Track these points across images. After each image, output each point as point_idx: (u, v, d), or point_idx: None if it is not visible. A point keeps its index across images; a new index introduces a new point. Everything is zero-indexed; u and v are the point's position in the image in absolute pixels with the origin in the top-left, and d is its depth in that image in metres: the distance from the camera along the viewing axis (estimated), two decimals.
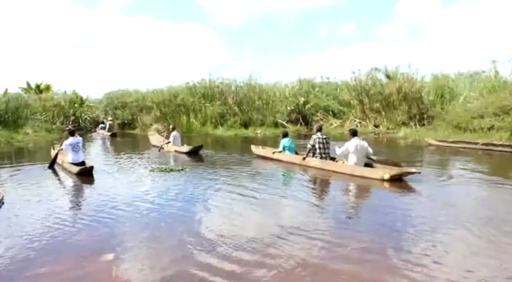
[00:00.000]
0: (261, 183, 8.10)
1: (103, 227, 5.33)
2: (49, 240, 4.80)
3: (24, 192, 7.82)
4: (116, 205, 6.44)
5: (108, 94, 31.27)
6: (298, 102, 24.11)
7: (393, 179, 7.76)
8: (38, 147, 17.36)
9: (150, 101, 26.22)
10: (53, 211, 6.18)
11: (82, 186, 8.63)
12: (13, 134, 19.47)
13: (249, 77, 25.52)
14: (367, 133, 19.63)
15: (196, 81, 26.10)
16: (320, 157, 9.51)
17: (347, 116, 22.42)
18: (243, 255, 4.12)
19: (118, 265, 3.97)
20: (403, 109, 19.91)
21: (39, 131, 22.08)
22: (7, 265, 4.04)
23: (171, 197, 6.90)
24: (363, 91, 21.52)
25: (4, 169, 10.64)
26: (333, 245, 4.42)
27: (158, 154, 13.75)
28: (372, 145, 15.65)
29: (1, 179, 9.15)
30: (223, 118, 23.41)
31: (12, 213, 6.06)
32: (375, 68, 21.78)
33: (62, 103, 27.82)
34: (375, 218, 5.66)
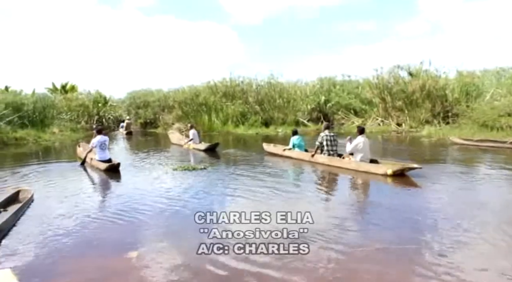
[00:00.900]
0: (280, 181, 8.18)
1: (128, 224, 5.44)
2: (76, 237, 4.93)
3: (52, 189, 8.06)
4: (141, 202, 6.58)
5: (131, 94, 31.70)
6: (319, 100, 23.97)
7: (395, 174, 8.08)
8: (64, 146, 17.78)
9: (172, 100, 26.44)
10: (80, 208, 6.35)
11: (109, 182, 8.88)
12: (41, 134, 19.97)
13: (269, 76, 25.51)
14: (389, 132, 19.38)
15: (217, 80, 26.25)
16: (327, 154, 9.86)
17: (369, 115, 22.15)
18: (265, 254, 4.12)
19: (142, 262, 4.03)
20: (426, 107, 19.53)
21: (64, 131, 22.57)
22: (36, 261, 4.17)
23: (194, 195, 7.00)
24: (385, 89, 21.22)
25: (33, 166, 10.95)
26: (355, 245, 4.40)
27: (178, 151, 14.19)
28: (395, 143, 15.67)
29: (30, 176, 9.44)
30: (244, 117, 23.43)
31: (41, 211, 6.24)
32: (398, 65, 21.48)
33: (87, 103, 28.37)
34: (397, 217, 5.61)
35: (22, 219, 5.74)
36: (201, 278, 3.68)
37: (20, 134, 18.68)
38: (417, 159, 11.20)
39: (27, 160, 13.08)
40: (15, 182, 8.56)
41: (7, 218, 5.35)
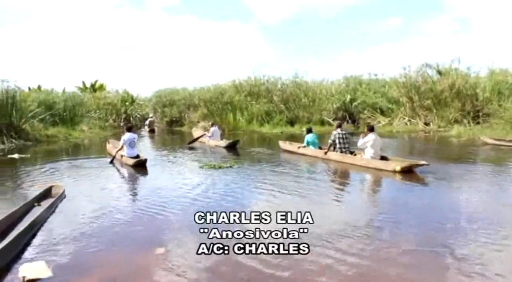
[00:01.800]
0: (301, 179, 8.21)
1: (156, 220, 5.53)
2: (105, 232, 5.03)
3: (82, 185, 8.28)
4: (168, 198, 6.67)
5: (157, 93, 32.18)
6: (345, 99, 23.74)
7: (403, 170, 8.35)
8: (93, 143, 18.23)
9: (197, 99, 26.70)
10: (109, 204, 6.48)
11: (136, 178, 9.10)
12: (71, 131, 20.53)
13: (294, 75, 25.43)
14: (417, 131, 19.02)
15: (242, 79, 26.34)
16: (340, 151, 10.28)
17: (396, 114, 21.80)
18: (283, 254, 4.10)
19: (168, 258, 4.07)
20: (455, 107, 19.09)
21: (93, 129, 23.11)
22: (67, 255, 4.27)
23: (220, 192, 7.03)
24: (413, 88, 20.85)
25: (64, 163, 11.27)
26: (380, 246, 4.33)
27: (201, 148, 14.47)
28: (423, 143, 15.38)
29: (62, 172, 9.71)
30: (269, 116, 23.42)
31: (72, 206, 6.40)
32: (426, 64, 21.06)
33: (115, 101, 28.98)
34: (422, 217, 5.50)
35: (54, 213, 5.89)
36: (226, 275, 3.71)
37: (51, 131, 19.26)
38: (445, 158, 11.05)
39: (58, 156, 13.48)
40: (47, 178, 8.81)
41: (41, 212, 5.52)
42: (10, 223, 5.20)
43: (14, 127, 16.91)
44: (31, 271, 3.69)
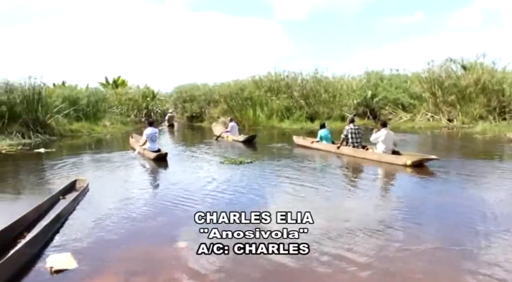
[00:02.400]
0: (323, 176, 8.19)
1: (177, 214, 5.60)
2: (128, 225, 5.12)
3: (105, 179, 8.48)
4: (189, 193, 6.74)
5: (178, 88, 32.42)
6: (366, 95, 23.43)
7: (414, 164, 8.54)
8: (115, 138, 18.53)
9: (218, 94, 26.81)
10: (131, 197, 6.61)
11: (158, 173, 9.30)
12: (94, 126, 20.91)
13: (315, 70, 25.24)
14: (440, 127, 18.65)
15: (262, 74, 26.29)
16: (352, 145, 10.52)
17: (418, 110, 21.39)
18: (311, 251, 4.10)
19: (190, 253, 4.09)
20: (480, 102, 18.61)
21: (115, 124, 23.48)
22: (92, 247, 4.38)
23: (241, 188, 7.07)
24: (436, 83, 20.43)
25: (88, 157, 11.54)
26: (404, 243, 4.28)
27: (221, 143, 14.69)
28: (446, 139, 15.10)
29: (85, 166, 9.97)
30: (289, 112, 23.31)
31: (96, 200, 6.56)
32: (450, 58, 20.60)
33: (136, 97, 29.36)
34: (444, 214, 5.41)
35: (78, 207, 6.04)
36: (246, 271, 3.74)
37: (75, 126, 19.67)
38: (469, 155, 10.87)
39: (82, 150, 13.79)
40: (71, 172, 9.02)
41: (66, 205, 5.66)
42: (38, 215, 5.37)
43: (40, 122, 17.36)
44: (58, 261, 3.80)
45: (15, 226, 4.67)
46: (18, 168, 10.14)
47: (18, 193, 7.46)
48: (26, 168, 10.03)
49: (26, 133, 16.28)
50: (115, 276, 3.62)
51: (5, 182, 8.55)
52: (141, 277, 3.60)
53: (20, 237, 4.52)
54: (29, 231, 4.74)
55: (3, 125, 15.97)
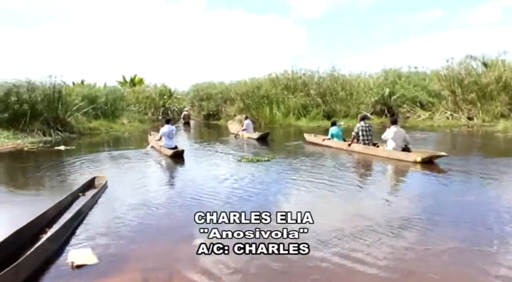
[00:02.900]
0: (338, 174, 8.07)
1: (194, 211, 5.61)
2: (146, 222, 5.18)
3: (123, 176, 8.60)
4: (207, 191, 6.75)
5: (195, 86, 32.60)
6: (383, 93, 23.18)
7: (424, 161, 8.66)
8: (132, 136, 18.77)
9: (234, 92, 26.86)
10: (149, 194, 6.70)
11: (175, 170, 9.42)
12: (112, 124, 21.22)
13: (331, 68, 25.09)
14: (459, 126, 18.32)
15: (278, 72, 26.24)
16: (363, 143, 10.63)
17: (437, 108, 21.06)
18: (326, 250, 4.07)
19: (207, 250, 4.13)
20: (502, 100, 18.24)
21: (133, 122, 23.76)
22: (111, 243, 4.43)
23: (259, 186, 7.06)
24: (455, 81, 20.09)
25: (106, 154, 11.70)
26: (422, 242, 4.22)
27: (237, 140, 15.08)
28: (466, 138, 14.82)
29: (104, 163, 10.12)
30: (305, 110, 23.22)
31: (115, 196, 6.64)
32: (470, 55, 20.21)
33: (153, 95, 29.64)
34: (462, 213, 5.30)
35: (97, 203, 6.13)
36: (262, 268, 3.74)
37: (94, 124, 20.00)
38: (489, 153, 10.66)
39: (100, 148, 13.99)
40: (91, 169, 9.18)
41: (86, 202, 5.76)
42: (58, 211, 5.47)
43: (60, 120, 17.71)
44: (78, 257, 3.87)
45: (37, 222, 4.76)
46: (39, 165, 10.34)
47: (39, 189, 7.61)
48: (47, 164, 10.22)
49: (47, 131, 16.63)
50: (134, 272, 3.66)
51: (27, 179, 8.74)
52: (159, 273, 3.64)
53: (42, 232, 4.61)
54: (50, 227, 4.84)
55: (25, 123, 16.34)
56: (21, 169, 10.26)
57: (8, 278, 3.21)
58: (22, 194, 7.19)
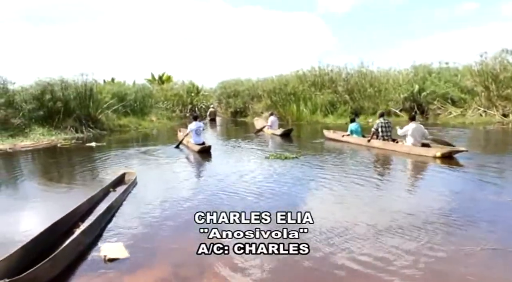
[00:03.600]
0: (366, 172, 7.97)
1: (222, 207, 5.66)
2: (174, 218, 5.27)
3: (152, 172, 8.78)
4: (235, 187, 6.83)
5: (222, 84, 32.77)
6: (413, 89, 22.65)
7: (444, 156, 8.82)
8: (161, 133, 19.06)
9: (261, 89, 26.84)
10: (178, 190, 6.82)
11: (203, 165, 9.64)
12: (141, 121, 21.62)
13: (359, 64, 24.72)
14: (493, 123, 17.72)
15: (305, 69, 26.06)
16: (382, 139, 10.90)
17: (469, 105, 20.43)
18: (357, 248, 4.04)
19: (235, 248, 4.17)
20: None
21: (161, 119, 24.12)
22: (141, 238, 4.55)
23: (286, 184, 7.04)
24: (489, 77, 19.42)
25: (136, 151, 11.92)
26: (454, 243, 4.12)
27: (261, 137, 15.10)
28: (500, 135, 14.32)
29: (133, 159, 10.34)
30: (333, 107, 22.96)
31: (144, 192, 6.77)
32: (506, 50, 19.47)
33: (181, 92, 29.96)
34: (497, 213, 5.15)
35: (127, 199, 6.28)
36: (292, 269, 3.72)
37: (123, 121, 20.41)
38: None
39: (130, 144, 14.27)
40: (121, 165, 9.38)
41: (116, 197, 5.90)
42: (90, 206, 5.63)
43: (91, 117, 18.16)
44: (111, 251, 3.97)
45: (71, 216, 4.92)
46: (72, 161, 10.66)
47: (72, 184, 7.83)
48: (79, 160, 10.52)
49: (79, 128, 17.10)
50: (164, 267, 3.73)
51: (61, 174, 9.02)
52: (189, 268, 3.69)
53: (75, 226, 4.76)
54: (83, 221, 4.99)
55: (59, 121, 16.85)
56: (55, 164, 10.61)
57: (46, 270, 3.34)
58: (57, 188, 7.43)
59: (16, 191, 7.49)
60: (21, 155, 11.94)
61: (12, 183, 8.11)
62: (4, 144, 13.60)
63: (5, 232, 4.92)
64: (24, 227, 5.08)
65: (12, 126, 15.56)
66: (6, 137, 14.53)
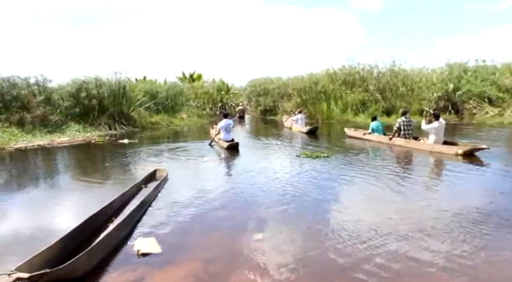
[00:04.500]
0: (397, 172, 7.89)
1: (251, 204, 5.74)
2: (204, 214, 5.36)
3: (183, 168, 8.93)
4: (266, 185, 6.87)
5: (252, 82, 32.84)
6: (447, 88, 22.01)
7: (466, 154, 9.00)
8: (191, 130, 19.30)
9: (291, 88, 26.73)
10: (208, 187, 6.90)
11: (232, 162, 9.71)
12: (172, 119, 21.94)
13: (392, 63, 24.23)
14: None
15: (336, 67, 25.79)
16: (404, 137, 11.17)
17: (508, 104, 19.68)
18: (391, 249, 4.00)
19: (266, 245, 4.19)
20: None
21: (192, 117, 24.40)
22: (173, 234, 4.64)
23: (317, 182, 7.03)
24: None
25: (167, 148, 12.15)
26: (492, 248, 4.01)
27: (288, 135, 15.42)
28: None
29: (165, 156, 10.55)
30: (364, 106, 22.63)
31: (175, 189, 6.90)
32: None
33: (211, 91, 30.22)
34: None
35: (159, 195, 6.41)
36: (323, 268, 3.72)
37: (155, 119, 20.78)
38: None
39: (161, 141, 14.54)
40: (152, 162, 9.59)
41: (148, 193, 6.03)
42: (123, 201, 5.78)
43: (124, 115, 18.59)
44: (144, 245, 4.08)
45: (105, 211, 5.07)
46: (106, 157, 10.96)
47: (105, 179, 8.05)
48: (112, 157, 10.79)
49: (112, 125, 17.54)
50: (195, 263, 3.80)
51: (95, 170, 9.28)
52: (220, 265, 3.75)
53: (109, 221, 4.90)
54: (116, 216, 5.13)
55: (93, 118, 17.35)
56: (90, 160, 10.95)
57: (83, 262, 3.46)
58: (91, 183, 7.64)
59: (54, 186, 7.76)
60: (58, 151, 12.37)
61: (50, 178, 8.43)
62: (43, 140, 14.14)
63: (44, 224, 5.13)
64: (61, 220, 5.29)
65: (50, 123, 16.13)
66: (44, 133, 15.08)
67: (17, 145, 13.15)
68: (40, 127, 15.46)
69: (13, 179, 8.45)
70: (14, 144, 13.24)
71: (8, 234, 4.73)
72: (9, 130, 14.55)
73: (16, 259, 3.56)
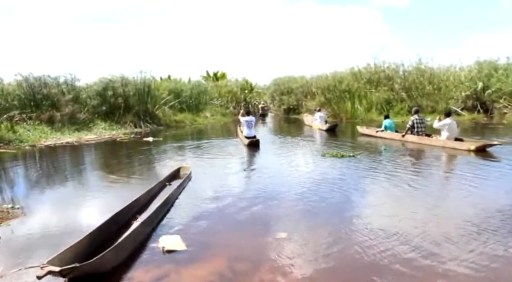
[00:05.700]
0: (422, 171, 7.73)
1: (274, 203, 5.73)
2: (228, 213, 5.38)
3: (206, 166, 9.01)
4: (290, 184, 6.86)
5: (275, 81, 32.78)
6: (476, 87, 21.42)
7: (478, 150, 9.27)
8: (215, 129, 19.46)
9: (315, 87, 26.59)
10: (231, 186, 6.99)
11: (254, 161, 9.82)
12: (195, 117, 22.18)
13: (417, 61, 23.76)
14: None
15: (361, 66, 25.49)
16: (417, 134, 11.56)
17: None
18: (417, 249, 3.94)
19: (290, 244, 4.17)
20: None
21: (215, 115, 24.59)
22: (197, 232, 4.67)
23: (341, 182, 6.96)
24: None
25: (191, 146, 12.30)
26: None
27: (309, 133, 15.70)
28: None
29: (188, 154, 10.71)
30: (389, 105, 22.28)
31: (198, 187, 6.98)
32: None
33: (234, 89, 30.34)
34: None
35: (183, 193, 6.48)
36: (348, 268, 3.69)
37: (179, 117, 21.04)
38: None
39: (185, 139, 14.73)
40: (176, 159, 9.72)
41: (172, 191, 6.09)
42: (148, 199, 5.87)
43: (149, 113, 18.89)
44: (169, 243, 4.13)
45: (130, 208, 5.16)
46: (131, 155, 11.14)
47: (130, 176, 8.18)
48: (137, 154, 10.97)
49: (137, 123, 17.87)
50: (220, 261, 3.82)
51: (120, 167, 9.44)
52: (244, 263, 3.76)
53: (134, 218, 4.98)
54: (141, 213, 5.22)
55: (119, 116, 17.70)
56: (115, 157, 11.15)
57: (111, 257, 3.54)
58: (117, 180, 7.78)
59: (82, 182, 7.96)
60: (85, 148, 12.68)
61: (78, 174, 8.66)
62: (71, 137, 14.52)
63: (72, 220, 5.27)
64: (88, 216, 5.41)
65: (78, 121, 16.54)
66: (72, 131, 15.49)
67: (47, 142, 13.55)
68: (69, 125, 15.88)
69: (43, 175, 8.70)
70: (44, 141, 13.65)
71: (38, 228, 4.87)
72: (39, 128, 14.98)
73: (46, 252, 3.67)
